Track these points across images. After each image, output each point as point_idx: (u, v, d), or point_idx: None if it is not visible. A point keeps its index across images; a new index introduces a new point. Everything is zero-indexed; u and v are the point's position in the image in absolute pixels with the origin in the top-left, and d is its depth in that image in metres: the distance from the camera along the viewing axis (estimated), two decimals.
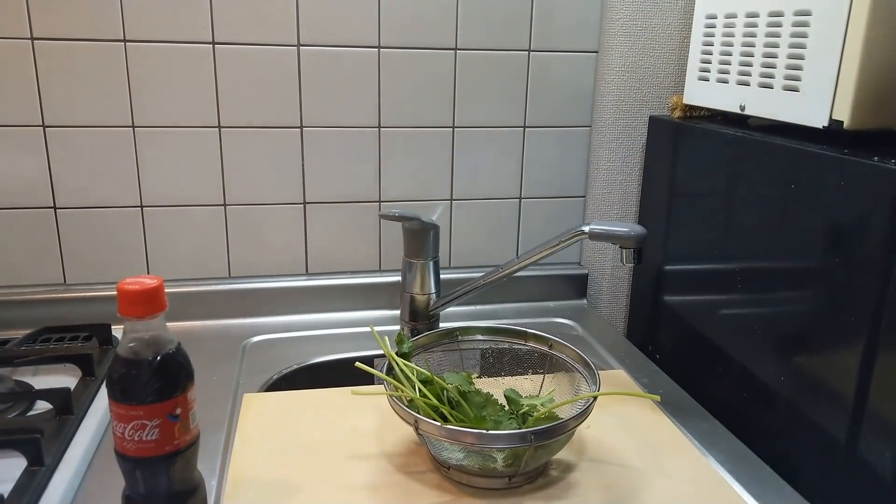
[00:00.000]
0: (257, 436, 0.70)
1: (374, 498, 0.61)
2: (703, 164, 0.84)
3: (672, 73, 1.01)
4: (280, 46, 0.93)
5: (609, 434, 0.71)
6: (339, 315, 1.02)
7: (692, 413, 0.78)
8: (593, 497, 0.62)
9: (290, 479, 0.63)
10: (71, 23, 0.87)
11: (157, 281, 0.51)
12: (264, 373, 0.85)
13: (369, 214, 1.02)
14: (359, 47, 0.95)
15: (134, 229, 0.95)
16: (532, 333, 0.74)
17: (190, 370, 0.54)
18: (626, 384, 0.83)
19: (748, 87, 0.78)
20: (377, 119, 0.98)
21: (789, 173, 0.69)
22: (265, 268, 1.01)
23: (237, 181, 0.97)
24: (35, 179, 0.91)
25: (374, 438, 0.70)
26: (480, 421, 0.64)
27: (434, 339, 0.74)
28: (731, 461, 0.69)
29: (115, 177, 0.93)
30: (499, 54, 0.99)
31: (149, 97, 0.91)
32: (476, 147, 1.03)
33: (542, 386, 0.73)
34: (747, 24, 0.78)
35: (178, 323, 0.94)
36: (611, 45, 1.00)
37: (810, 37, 0.68)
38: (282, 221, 1.00)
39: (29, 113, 0.89)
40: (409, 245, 0.88)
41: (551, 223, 1.08)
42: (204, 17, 0.90)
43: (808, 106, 0.69)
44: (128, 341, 0.51)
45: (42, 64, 0.87)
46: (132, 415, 0.50)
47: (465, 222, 1.06)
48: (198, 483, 0.56)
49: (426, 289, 0.88)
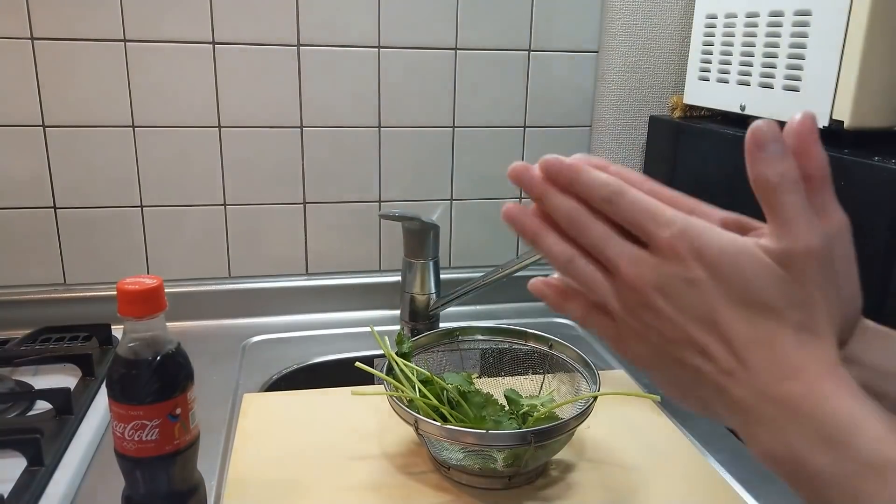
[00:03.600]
0: (257, 436, 0.70)
1: (374, 498, 0.61)
2: (704, 164, 0.84)
3: (672, 73, 1.01)
4: (280, 46, 0.93)
5: (609, 434, 0.71)
6: (338, 315, 1.02)
7: (692, 413, 0.78)
8: (593, 497, 0.62)
9: (289, 479, 0.63)
10: (71, 22, 0.87)
11: (157, 281, 0.51)
12: (264, 373, 0.85)
13: (369, 214, 1.02)
14: (359, 47, 0.95)
15: (134, 229, 0.95)
16: (532, 333, 0.74)
17: (190, 370, 0.54)
18: (626, 384, 0.83)
19: (748, 87, 0.78)
20: (377, 119, 0.98)
21: None
22: (265, 268, 1.01)
23: (237, 181, 0.97)
24: (35, 179, 0.91)
25: (374, 438, 0.70)
26: (480, 421, 0.64)
27: (434, 339, 0.74)
28: (731, 461, 0.69)
29: (115, 177, 0.93)
30: (499, 54, 0.99)
31: (149, 97, 0.91)
32: (476, 147, 1.02)
33: (543, 386, 0.73)
34: (747, 23, 0.78)
35: (178, 323, 0.94)
36: (611, 45, 1.00)
37: (810, 37, 0.69)
38: (282, 221, 1.00)
39: (29, 113, 0.89)
40: (409, 245, 0.88)
41: None
42: (204, 17, 0.90)
43: (808, 106, 0.69)
44: (128, 341, 0.51)
45: (42, 64, 0.87)
46: (132, 415, 0.50)
47: (465, 222, 1.06)
48: (198, 483, 0.56)
49: (426, 289, 0.88)
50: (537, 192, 0.37)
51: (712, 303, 0.33)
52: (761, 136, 0.32)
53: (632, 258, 0.35)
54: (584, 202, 0.36)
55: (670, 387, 0.37)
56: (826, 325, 0.33)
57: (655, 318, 0.35)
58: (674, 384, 0.37)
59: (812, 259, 0.32)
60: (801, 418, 0.31)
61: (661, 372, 0.37)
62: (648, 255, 0.34)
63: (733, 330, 0.33)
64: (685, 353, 0.34)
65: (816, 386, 0.31)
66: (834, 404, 0.31)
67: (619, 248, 0.35)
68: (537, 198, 0.37)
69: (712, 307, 0.33)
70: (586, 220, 0.36)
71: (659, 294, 0.34)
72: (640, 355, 0.37)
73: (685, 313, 0.34)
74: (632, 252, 0.35)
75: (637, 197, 0.35)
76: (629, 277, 0.35)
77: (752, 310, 0.32)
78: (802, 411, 0.31)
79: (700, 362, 0.34)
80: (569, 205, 0.36)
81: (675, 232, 0.33)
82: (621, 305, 0.36)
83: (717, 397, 0.34)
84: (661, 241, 0.34)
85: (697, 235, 0.33)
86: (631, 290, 0.35)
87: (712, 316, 0.33)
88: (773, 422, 0.32)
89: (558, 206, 0.37)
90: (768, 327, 0.32)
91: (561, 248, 0.37)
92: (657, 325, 0.35)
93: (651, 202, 0.35)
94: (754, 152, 0.33)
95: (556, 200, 0.37)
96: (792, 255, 0.32)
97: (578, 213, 0.36)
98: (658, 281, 0.34)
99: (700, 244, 0.33)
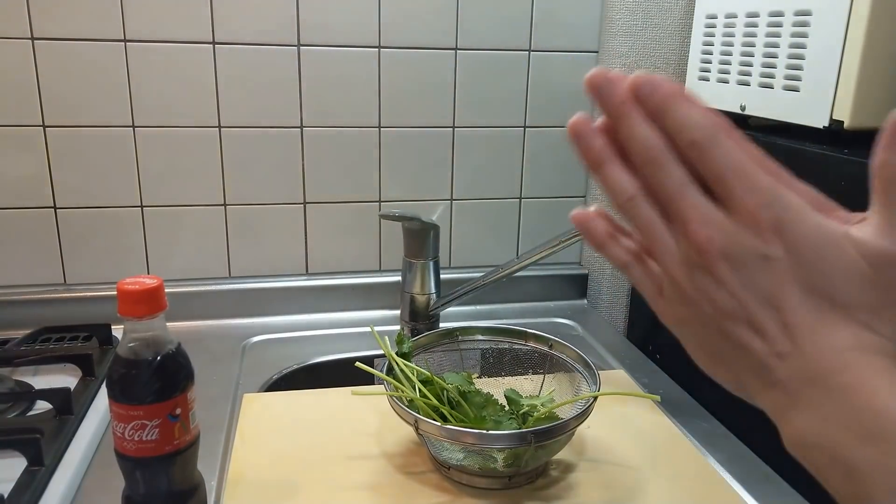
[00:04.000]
0: (257, 436, 0.70)
1: (374, 498, 0.61)
2: None
3: (672, 73, 1.01)
4: (280, 46, 0.93)
5: (609, 434, 0.71)
6: (339, 315, 1.02)
7: (692, 413, 0.78)
8: (593, 497, 0.62)
9: (290, 479, 0.63)
10: (71, 23, 0.87)
11: (157, 281, 0.51)
12: (264, 373, 0.85)
13: (369, 214, 1.02)
14: (359, 47, 0.95)
15: (134, 229, 0.95)
16: (532, 333, 0.74)
17: (190, 370, 0.54)
18: (626, 384, 0.83)
19: (748, 87, 0.78)
20: (377, 119, 0.98)
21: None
22: (265, 268, 1.01)
23: (237, 181, 0.97)
24: (35, 179, 0.91)
25: (374, 438, 0.70)
26: (480, 421, 0.64)
27: (434, 339, 0.74)
28: (731, 461, 0.69)
29: (115, 177, 0.93)
30: (499, 54, 0.99)
31: (149, 97, 0.91)
32: (476, 147, 1.03)
33: (543, 386, 0.73)
34: (747, 24, 0.78)
35: (178, 323, 0.94)
36: (611, 45, 1.00)
37: (810, 37, 0.68)
38: (282, 221, 1.00)
39: (29, 113, 0.89)
40: (409, 245, 0.88)
41: (551, 223, 1.08)
42: (204, 17, 0.90)
43: (809, 106, 0.69)
44: (128, 341, 0.51)
45: (42, 64, 0.87)
46: (132, 415, 0.50)
47: (465, 222, 1.06)
48: (198, 483, 0.56)
49: (426, 289, 0.88)
50: (618, 110, 0.33)
51: (782, 284, 0.31)
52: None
53: (705, 216, 0.31)
54: (668, 137, 0.32)
55: (703, 354, 0.35)
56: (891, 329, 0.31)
57: (714, 286, 0.32)
58: (709, 352, 0.35)
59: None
60: (848, 409, 0.30)
61: (698, 338, 0.35)
62: (725, 217, 0.31)
63: (798, 315, 0.31)
64: (736, 326, 0.32)
65: (868, 381, 0.30)
66: (885, 401, 0.29)
67: (695, 201, 0.31)
68: (616, 116, 0.33)
69: (781, 288, 0.31)
70: (666, 159, 0.32)
71: (726, 263, 0.31)
72: (681, 318, 0.35)
73: (749, 288, 0.31)
74: (706, 209, 0.31)
75: (730, 149, 0.31)
76: (698, 237, 0.31)
77: (822, 300, 0.31)
78: (850, 403, 0.30)
79: (751, 339, 0.32)
80: (650, 136, 0.32)
81: (763, 201, 0.30)
82: (679, 264, 0.33)
83: (756, 374, 0.33)
84: (746, 207, 0.31)
85: (786, 211, 0.30)
86: (695, 251, 0.32)
87: (778, 297, 0.31)
88: (816, 408, 0.31)
89: (638, 135, 0.32)
90: (834, 320, 0.31)
91: (626, 181, 0.33)
92: (713, 294, 0.32)
93: (744, 160, 0.31)
94: (891, 137, 0.30)
95: (638, 127, 0.32)
96: (888, 257, 0.30)
97: (660, 149, 0.32)
98: (729, 249, 0.31)
99: (786, 221, 0.30)
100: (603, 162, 0.34)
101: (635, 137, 0.32)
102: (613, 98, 0.33)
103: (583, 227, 0.37)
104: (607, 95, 0.33)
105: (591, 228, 0.37)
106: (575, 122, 0.34)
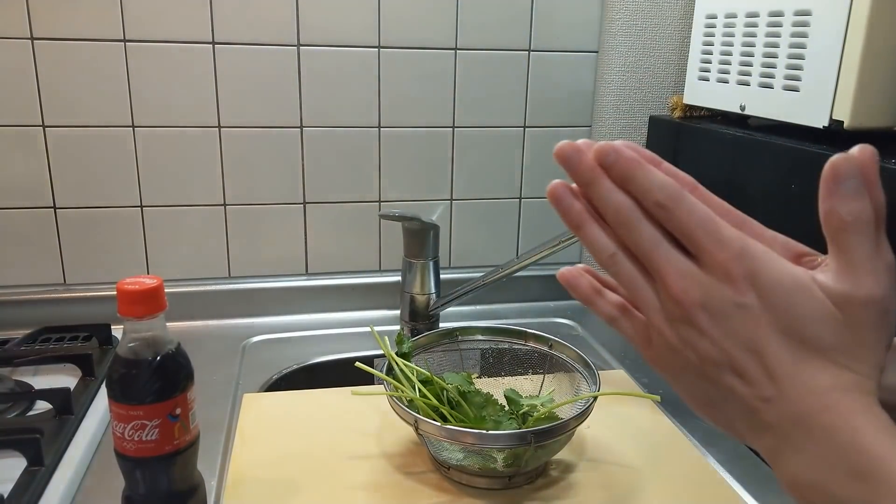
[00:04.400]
0: (257, 436, 0.70)
1: (374, 498, 0.61)
2: (704, 164, 0.84)
3: (672, 73, 1.01)
4: (280, 46, 0.93)
5: (609, 434, 0.71)
6: (338, 315, 1.02)
7: (692, 413, 0.77)
8: (593, 497, 0.62)
9: (290, 479, 0.63)
10: (71, 23, 0.87)
11: (157, 281, 0.51)
12: (264, 373, 0.85)
13: (369, 214, 1.02)
14: (359, 47, 0.95)
15: (134, 229, 0.95)
16: (532, 333, 0.74)
17: (190, 370, 0.54)
18: (626, 384, 0.83)
19: (748, 87, 0.78)
20: (377, 119, 0.98)
21: (789, 173, 0.69)
22: (265, 268, 1.01)
23: (237, 181, 0.97)
24: (35, 179, 0.91)
25: (374, 438, 0.70)
26: (480, 421, 0.64)
27: (434, 339, 0.74)
28: (731, 461, 0.69)
29: (115, 177, 0.93)
30: (499, 54, 0.99)
31: (149, 97, 0.91)
32: (476, 147, 1.03)
33: (542, 386, 0.73)
34: (747, 24, 0.78)
35: (178, 323, 0.94)
36: (611, 45, 1.00)
37: (810, 37, 0.68)
38: (282, 221, 1.00)
39: (29, 113, 0.89)
40: (409, 245, 0.88)
41: (551, 223, 1.08)
42: (204, 17, 0.90)
43: (808, 106, 0.69)
44: (128, 341, 0.51)
45: (42, 64, 0.87)
46: (132, 415, 0.50)
47: (465, 222, 1.06)
48: (198, 483, 0.56)
49: (426, 289, 0.88)
50: (586, 177, 0.34)
51: (759, 330, 0.32)
52: (840, 169, 0.31)
53: (680, 270, 0.33)
54: (635, 199, 0.34)
55: (695, 400, 0.37)
56: (870, 367, 0.32)
57: (696, 335, 0.33)
58: (699, 398, 0.36)
59: (871, 308, 0.31)
60: (834, 449, 0.31)
61: (688, 385, 0.36)
62: (698, 270, 0.33)
63: (777, 359, 0.32)
64: (721, 372, 0.33)
65: (850, 419, 0.31)
66: (869, 439, 0.30)
67: (669, 256, 0.33)
68: (585, 184, 0.35)
69: (758, 334, 0.32)
70: (636, 219, 0.34)
71: (704, 313, 0.33)
72: (669, 366, 0.36)
73: (729, 336, 0.33)
74: (680, 264, 0.33)
75: (694, 207, 0.33)
76: (675, 290, 0.33)
77: (800, 344, 0.32)
78: (835, 442, 0.31)
79: (735, 383, 0.33)
80: (620, 199, 0.34)
81: (732, 254, 0.32)
82: (661, 315, 0.35)
83: (745, 418, 0.34)
84: (716, 259, 0.32)
85: (754, 260, 0.32)
86: (674, 304, 0.33)
87: (757, 343, 0.32)
88: (805, 449, 0.32)
89: (607, 199, 0.34)
90: (813, 362, 0.32)
91: (605, 240, 0.35)
92: (696, 342, 0.34)
93: (709, 215, 0.33)
94: (831, 185, 0.31)
95: (607, 192, 0.34)
96: (852, 300, 0.31)
97: (630, 211, 0.34)
98: (705, 300, 0.33)
99: (756, 270, 0.32)
100: (583, 223, 0.36)
101: (605, 201, 0.34)
102: (581, 167, 0.35)
103: (569, 284, 0.39)
104: (575, 165, 0.35)
105: (578, 285, 0.39)
106: (553, 187, 0.36)
